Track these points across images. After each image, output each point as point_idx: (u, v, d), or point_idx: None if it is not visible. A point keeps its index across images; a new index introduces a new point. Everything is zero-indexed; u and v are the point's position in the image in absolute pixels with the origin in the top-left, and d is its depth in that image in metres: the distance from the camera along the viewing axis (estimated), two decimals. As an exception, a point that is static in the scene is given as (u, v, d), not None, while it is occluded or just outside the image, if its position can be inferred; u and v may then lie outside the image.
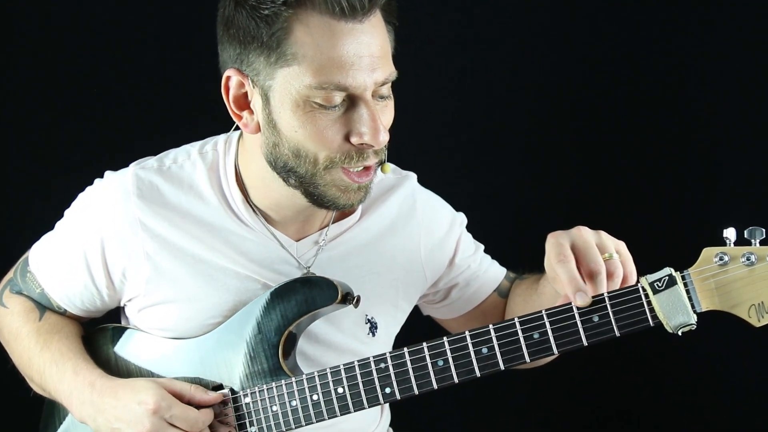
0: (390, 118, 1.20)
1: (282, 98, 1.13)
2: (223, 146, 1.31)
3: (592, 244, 1.09)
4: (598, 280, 1.09)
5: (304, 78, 1.10)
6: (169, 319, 1.29)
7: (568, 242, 1.10)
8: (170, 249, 1.26)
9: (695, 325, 1.04)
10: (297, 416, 1.21)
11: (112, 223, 1.26)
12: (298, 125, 1.13)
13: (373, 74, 1.12)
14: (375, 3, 1.11)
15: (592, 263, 1.08)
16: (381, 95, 1.16)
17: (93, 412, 1.23)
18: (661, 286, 1.04)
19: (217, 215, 1.28)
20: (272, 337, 1.24)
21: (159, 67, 2.07)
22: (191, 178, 1.29)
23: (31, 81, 2.07)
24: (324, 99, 1.11)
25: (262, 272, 1.28)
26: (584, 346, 1.08)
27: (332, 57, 1.09)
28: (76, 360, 1.28)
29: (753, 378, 2.01)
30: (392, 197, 1.37)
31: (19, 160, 2.09)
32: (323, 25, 1.09)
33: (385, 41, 1.15)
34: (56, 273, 1.33)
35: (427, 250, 1.39)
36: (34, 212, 1.51)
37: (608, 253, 1.10)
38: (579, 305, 1.08)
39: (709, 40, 1.99)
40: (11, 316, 1.36)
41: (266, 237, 1.29)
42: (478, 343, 1.12)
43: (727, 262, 1.03)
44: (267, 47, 1.11)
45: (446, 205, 1.46)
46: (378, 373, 1.16)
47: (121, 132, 2.05)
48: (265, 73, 1.13)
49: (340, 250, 1.33)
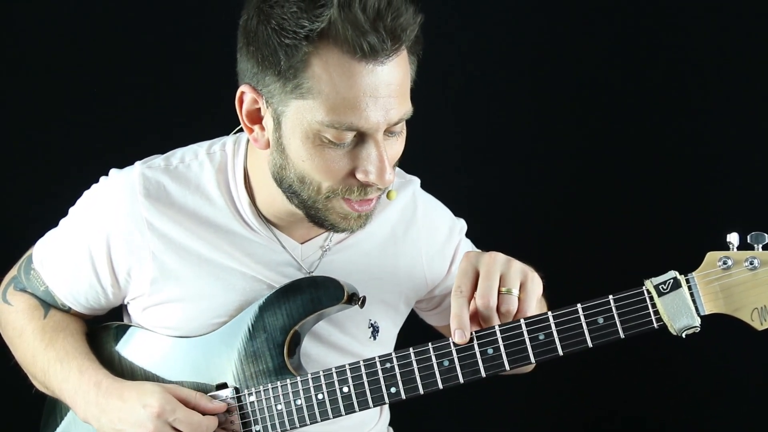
0: (399, 150, 1.19)
1: (293, 127, 1.12)
2: (231, 147, 1.31)
3: (494, 275, 1.10)
4: (486, 315, 1.11)
5: (317, 114, 1.09)
6: (174, 318, 1.29)
7: (473, 270, 1.12)
8: (176, 248, 1.26)
9: (699, 327, 1.06)
10: (302, 415, 1.21)
11: (118, 222, 1.26)
12: (306, 156, 1.13)
13: (387, 115, 1.10)
14: (399, 46, 1.08)
15: (484, 298, 1.10)
16: (392, 132, 1.15)
17: (97, 413, 1.24)
18: (666, 288, 1.06)
19: (223, 216, 1.28)
20: (277, 336, 1.24)
21: (166, 67, 2.07)
22: (198, 179, 1.29)
23: (33, 80, 2.07)
24: (335, 137, 1.10)
25: (267, 274, 1.28)
26: (589, 347, 1.10)
27: (347, 98, 1.07)
28: (81, 359, 1.28)
29: (753, 380, 2.03)
30: (395, 202, 1.38)
31: (21, 159, 2.08)
32: (343, 64, 1.06)
33: (405, 78, 1.13)
34: (61, 271, 1.33)
35: (429, 256, 1.40)
36: (36, 210, 1.51)
37: (506, 288, 1.11)
38: (456, 342, 1.12)
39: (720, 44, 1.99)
40: (15, 314, 1.36)
41: (271, 240, 1.29)
42: (484, 344, 1.13)
43: (730, 266, 1.05)
44: (284, 76, 1.09)
45: (447, 212, 1.46)
46: (383, 373, 1.17)
47: (124, 131, 2.04)
48: (278, 99, 1.12)
49: (344, 255, 1.34)
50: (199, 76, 2.03)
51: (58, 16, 2.04)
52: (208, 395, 1.24)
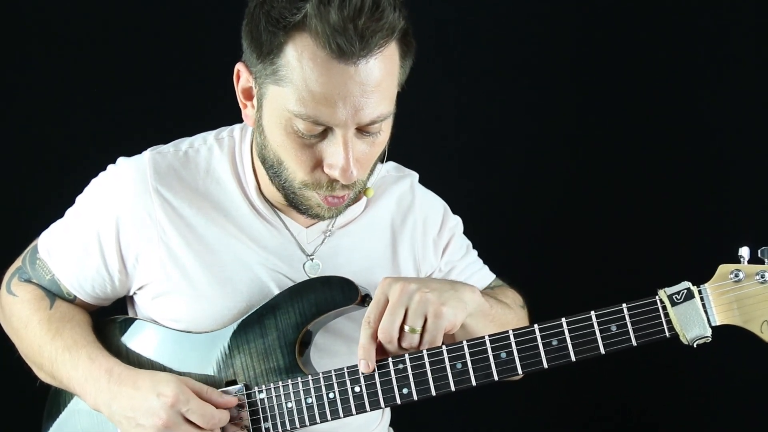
0: (374, 151, 1.19)
1: (271, 111, 1.16)
2: (239, 133, 1.33)
3: (398, 310, 1.15)
4: (388, 348, 1.18)
5: (288, 102, 1.12)
6: (181, 307, 1.29)
7: (385, 299, 1.17)
8: (185, 233, 1.27)
9: (710, 338, 1.09)
10: (312, 413, 1.22)
11: (128, 205, 1.27)
12: (279, 141, 1.16)
13: (357, 115, 1.11)
14: (368, 50, 1.07)
15: (385, 334, 1.16)
16: (368, 132, 1.16)
17: (108, 399, 1.23)
18: (679, 299, 1.09)
19: (232, 200, 1.30)
20: (289, 334, 1.25)
21: (166, 66, 2.07)
22: (208, 163, 1.31)
23: (33, 79, 2.05)
24: (304, 128, 1.13)
25: (269, 257, 1.30)
26: (601, 354, 1.12)
27: (317, 92, 1.09)
28: (90, 347, 1.28)
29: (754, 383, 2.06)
30: (392, 192, 1.40)
31: (21, 159, 2.06)
32: (316, 58, 1.08)
33: (387, 81, 1.12)
34: (68, 257, 1.33)
35: (423, 246, 1.42)
36: (38, 209, 1.49)
37: (409, 326, 1.15)
38: (362, 371, 1.18)
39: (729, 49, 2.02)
40: (21, 304, 1.35)
41: (277, 223, 1.31)
42: (498, 348, 1.15)
43: (741, 279, 1.08)
44: (265, 60, 1.12)
45: (443, 206, 1.47)
46: (396, 374, 1.18)
47: (124, 131, 2.02)
48: (261, 81, 1.16)
49: (345, 240, 1.35)
50: (199, 75, 2.02)
51: (60, 15, 2.03)
52: (219, 390, 1.24)
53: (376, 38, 1.07)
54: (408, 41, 1.15)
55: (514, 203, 2.14)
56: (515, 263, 1.50)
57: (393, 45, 1.12)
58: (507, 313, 1.33)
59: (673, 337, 1.10)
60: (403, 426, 1.56)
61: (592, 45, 2.10)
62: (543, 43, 2.12)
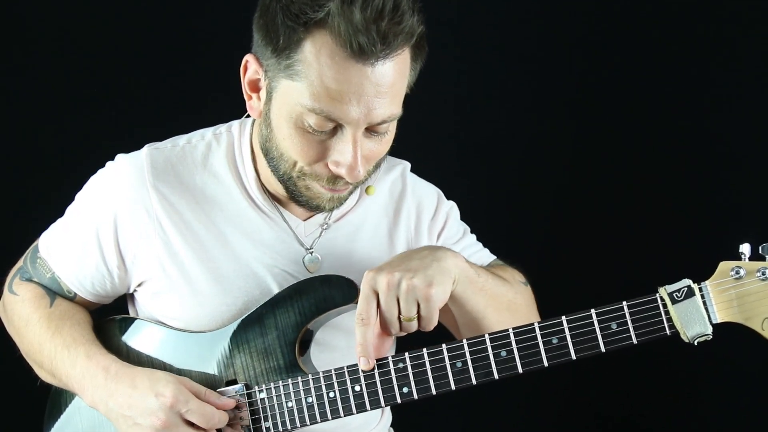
0: (381, 150, 1.21)
1: (281, 105, 1.17)
2: (238, 128, 1.34)
3: (392, 304, 1.16)
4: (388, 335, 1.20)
5: (302, 97, 1.13)
6: (180, 303, 1.29)
7: (374, 294, 1.17)
8: (182, 228, 1.28)
9: (711, 335, 1.08)
10: (312, 413, 1.22)
11: (126, 201, 1.27)
12: (286, 134, 1.17)
13: (370, 114, 1.13)
14: (389, 51, 1.09)
15: (386, 330, 1.18)
16: (376, 131, 1.17)
17: (105, 396, 1.23)
18: (680, 296, 1.08)
19: (230, 194, 1.30)
20: (289, 333, 1.25)
21: (165, 67, 2.07)
22: (206, 158, 1.32)
23: (32, 78, 2.05)
24: (315, 123, 1.14)
25: (266, 252, 1.30)
26: (602, 352, 1.12)
27: (332, 89, 1.10)
28: (88, 345, 1.28)
29: (754, 382, 2.06)
30: (384, 181, 1.41)
31: (21, 159, 2.06)
32: (334, 56, 1.09)
33: (399, 82, 1.15)
34: (67, 255, 1.33)
35: (419, 232, 1.42)
36: (38, 209, 1.49)
37: (405, 317, 1.17)
38: (362, 369, 1.18)
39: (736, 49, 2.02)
40: (22, 303, 1.35)
41: (276, 216, 1.32)
42: (498, 346, 1.15)
43: (742, 276, 1.07)
44: (280, 54, 1.13)
45: (436, 192, 1.47)
46: (396, 373, 1.18)
47: (124, 131, 2.02)
48: (273, 74, 1.16)
49: (341, 233, 1.36)
50: (198, 74, 2.03)
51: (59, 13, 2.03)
52: (217, 391, 1.24)
53: (398, 41, 1.09)
54: (422, 45, 1.17)
55: (513, 201, 2.14)
56: (515, 261, 1.49)
57: (408, 48, 1.14)
58: (501, 286, 1.31)
59: (674, 335, 1.09)
60: (403, 426, 1.56)
61: (593, 40, 2.10)
62: (544, 38, 2.12)
